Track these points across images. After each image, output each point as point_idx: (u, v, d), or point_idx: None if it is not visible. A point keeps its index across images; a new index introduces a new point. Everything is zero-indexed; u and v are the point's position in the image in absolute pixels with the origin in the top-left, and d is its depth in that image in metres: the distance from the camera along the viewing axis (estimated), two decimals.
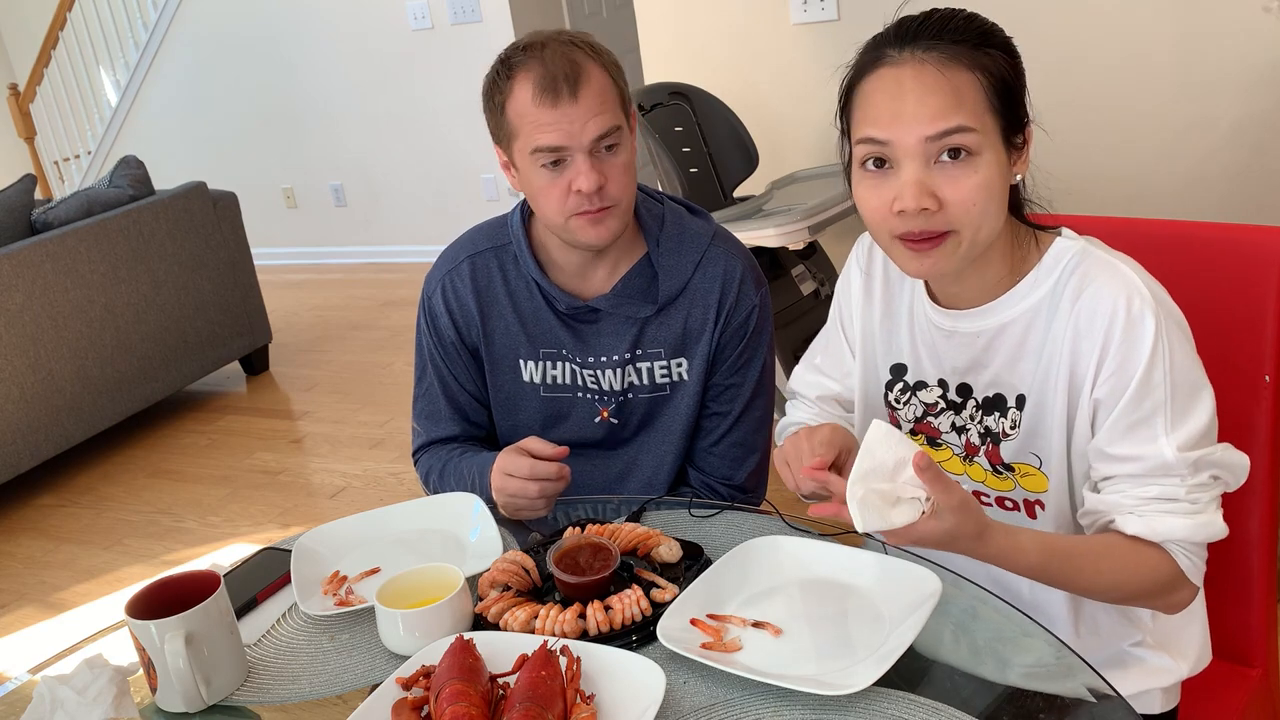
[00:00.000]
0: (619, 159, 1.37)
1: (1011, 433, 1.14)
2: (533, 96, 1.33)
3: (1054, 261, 1.10)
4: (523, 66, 1.35)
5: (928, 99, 1.02)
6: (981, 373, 1.16)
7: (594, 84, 1.34)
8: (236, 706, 1.08)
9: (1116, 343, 1.04)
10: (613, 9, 5.64)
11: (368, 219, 5.86)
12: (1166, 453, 1.03)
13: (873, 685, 0.95)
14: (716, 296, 1.47)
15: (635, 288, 1.47)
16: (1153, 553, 1.05)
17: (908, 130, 1.02)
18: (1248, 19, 2.48)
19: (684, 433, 1.52)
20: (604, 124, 1.34)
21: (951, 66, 1.02)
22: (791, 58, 2.99)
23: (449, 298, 1.53)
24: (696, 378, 1.48)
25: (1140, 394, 1.04)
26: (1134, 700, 1.11)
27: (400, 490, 3.28)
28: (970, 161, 1.03)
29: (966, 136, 1.02)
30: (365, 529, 1.37)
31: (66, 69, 6.24)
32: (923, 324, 1.20)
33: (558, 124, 1.33)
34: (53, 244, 3.57)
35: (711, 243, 1.49)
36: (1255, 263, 1.23)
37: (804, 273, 2.83)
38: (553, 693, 0.96)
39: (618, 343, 1.48)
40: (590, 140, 1.33)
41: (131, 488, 3.60)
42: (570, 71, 1.33)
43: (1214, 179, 2.63)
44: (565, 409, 1.53)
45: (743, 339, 1.49)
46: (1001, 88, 1.04)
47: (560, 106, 1.32)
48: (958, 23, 1.05)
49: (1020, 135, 1.07)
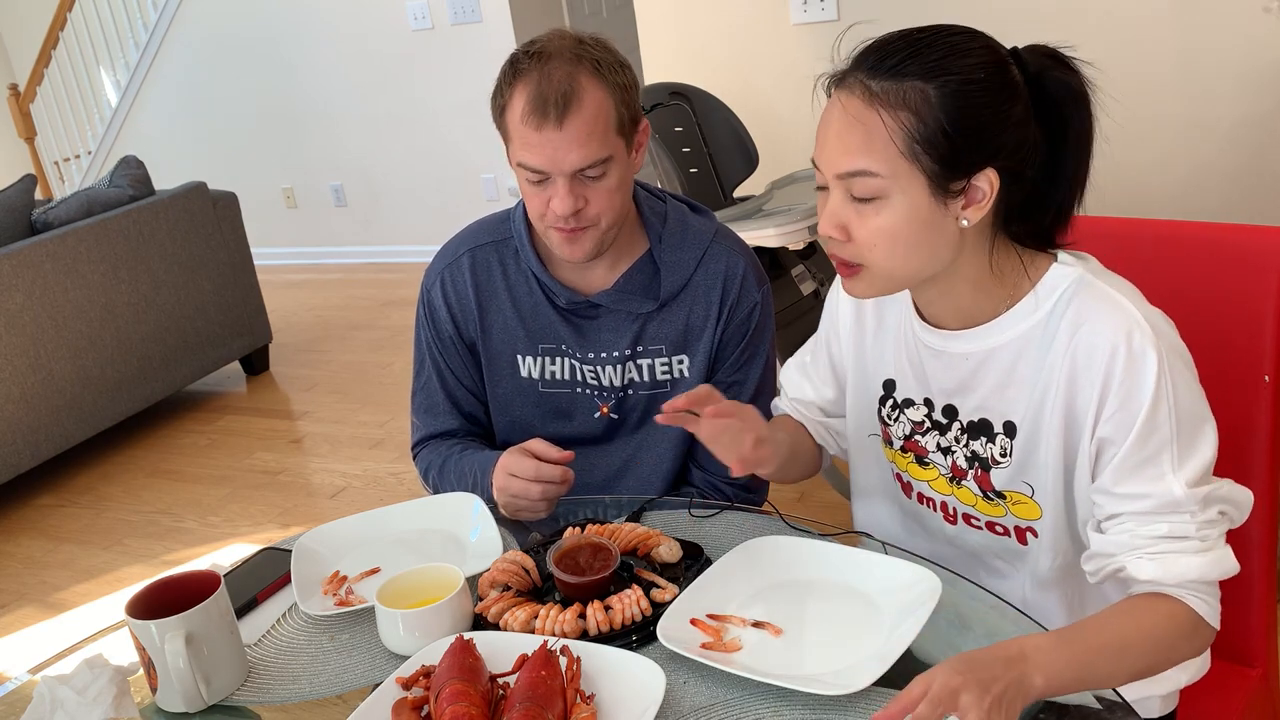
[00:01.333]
0: (604, 183, 1.35)
1: (1002, 460, 1.13)
2: (522, 114, 1.32)
3: (1049, 290, 1.08)
4: (524, 76, 1.33)
5: (843, 134, 1.03)
6: (968, 396, 1.14)
7: (585, 111, 1.31)
8: (236, 706, 1.08)
9: (1118, 380, 1.02)
10: (613, 9, 5.64)
11: (368, 219, 5.86)
12: (1175, 489, 1.01)
13: (872, 685, 0.96)
14: (719, 293, 1.47)
15: (637, 284, 1.47)
16: (1168, 606, 1.01)
17: (827, 162, 1.05)
18: (1248, 19, 2.49)
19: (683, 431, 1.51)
20: (587, 156, 1.32)
21: (870, 107, 1.00)
22: (791, 58, 2.99)
23: (448, 291, 1.53)
24: (698, 374, 1.48)
25: (1146, 431, 1.01)
26: (1132, 704, 1.11)
27: (400, 490, 3.28)
28: (874, 205, 1.03)
29: (869, 181, 1.02)
30: (365, 529, 1.37)
31: (66, 69, 6.24)
32: (911, 341, 1.19)
33: (541, 147, 1.32)
34: (53, 244, 3.57)
35: (714, 240, 1.49)
36: (1255, 263, 1.23)
37: (804, 273, 2.83)
38: (553, 693, 0.96)
39: (618, 339, 1.48)
40: (570, 169, 1.32)
41: (131, 488, 3.60)
42: (563, 95, 1.30)
43: (1214, 179, 2.63)
44: (564, 405, 1.53)
45: (745, 336, 1.49)
46: (928, 133, 0.99)
47: (544, 131, 1.31)
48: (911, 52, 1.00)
49: (962, 181, 1.01)
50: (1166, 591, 1.01)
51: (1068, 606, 1.18)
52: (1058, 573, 1.15)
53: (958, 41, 1.01)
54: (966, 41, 1.02)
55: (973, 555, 1.21)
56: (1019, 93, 1.01)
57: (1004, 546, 1.18)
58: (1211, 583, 1.03)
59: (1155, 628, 1.00)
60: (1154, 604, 1.01)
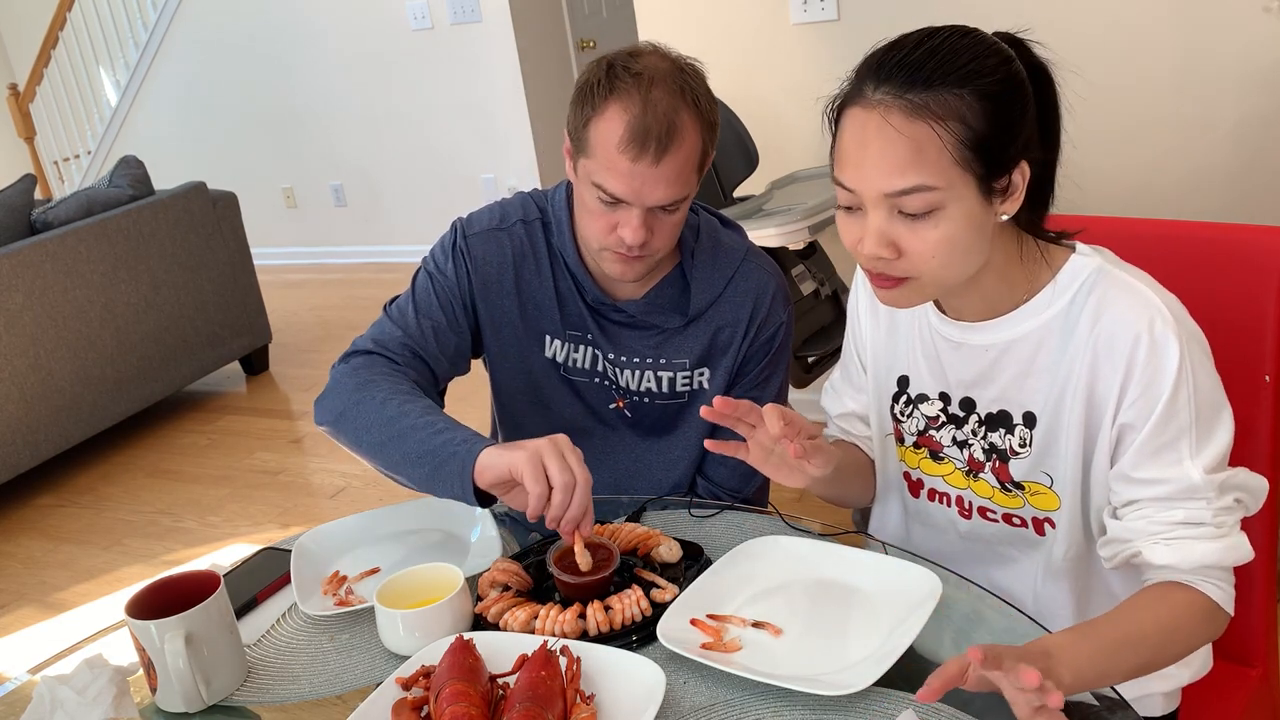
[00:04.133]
0: (673, 217, 1.34)
1: (1022, 451, 1.13)
2: (619, 140, 1.26)
3: (1069, 279, 1.08)
4: (623, 95, 1.27)
5: (888, 151, 0.98)
6: (987, 387, 1.15)
7: (683, 151, 1.28)
8: (236, 706, 1.08)
9: (1141, 366, 1.03)
10: (613, 9, 5.64)
11: (368, 219, 5.86)
12: (1193, 475, 1.02)
13: (873, 685, 0.95)
14: (748, 311, 1.45)
15: (666, 298, 1.45)
16: (1184, 595, 1.02)
17: (869, 183, 1.01)
18: (1248, 19, 2.48)
19: (699, 439, 1.50)
20: (673, 194, 1.30)
21: (916, 119, 0.98)
22: (791, 58, 2.99)
23: (489, 249, 1.47)
24: (717, 388, 1.47)
25: (1166, 417, 1.02)
26: (1134, 703, 1.11)
27: (400, 490, 3.27)
28: (931, 218, 1.00)
29: (925, 195, 0.99)
30: (365, 529, 1.37)
31: (66, 69, 6.24)
32: (927, 335, 1.19)
33: (629, 178, 1.28)
34: (53, 244, 3.57)
35: (745, 258, 1.47)
36: (1255, 263, 1.23)
37: (804, 273, 2.82)
38: (553, 693, 0.96)
39: (641, 347, 1.47)
40: (653, 204, 1.30)
41: (131, 488, 3.60)
42: (666, 131, 1.26)
43: (1214, 179, 2.63)
44: (582, 391, 1.51)
45: (767, 355, 1.48)
46: (976, 138, 0.98)
47: (640, 163, 1.27)
48: (940, 59, 0.99)
49: (1005, 178, 1.02)
50: (1181, 579, 1.03)
51: (1075, 597, 1.18)
52: (1069, 563, 1.16)
53: (971, 43, 1.01)
54: (978, 41, 1.02)
55: (985, 547, 1.22)
56: (1025, 82, 1.03)
57: (1020, 537, 1.18)
58: (1226, 569, 1.04)
59: (1173, 617, 1.01)
60: (1169, 594, 1.02)
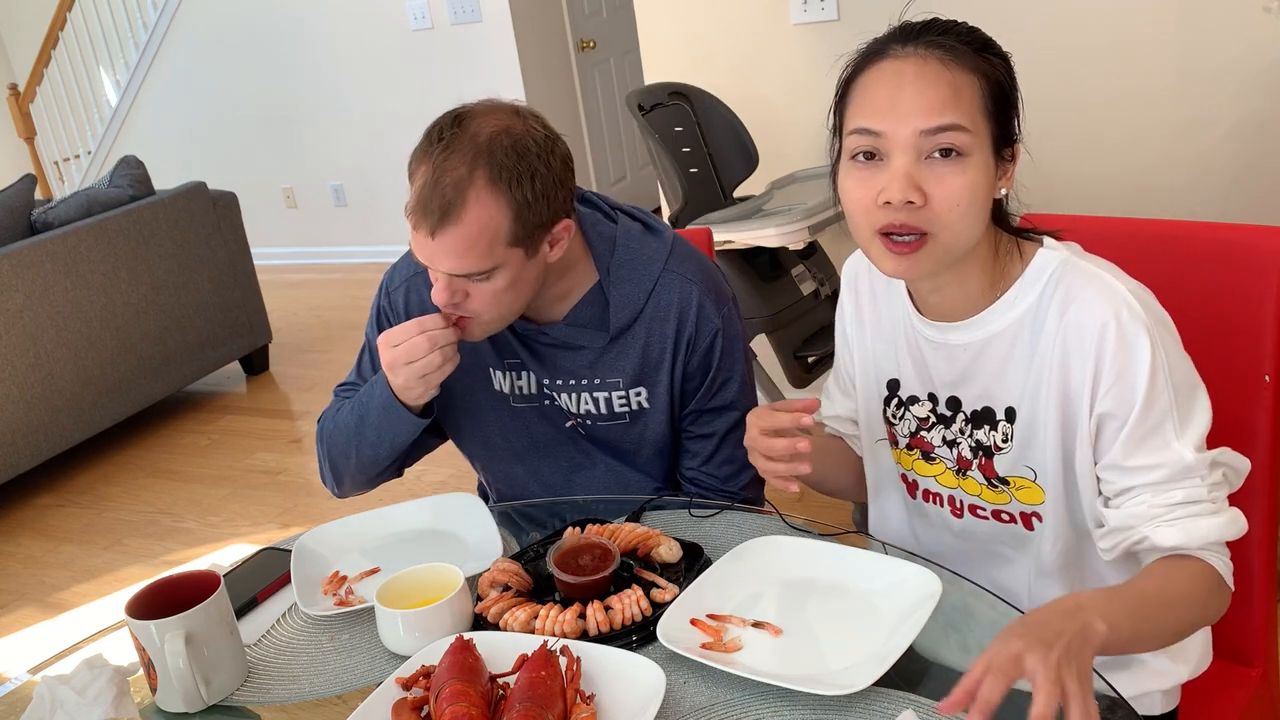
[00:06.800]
0: (489, 285, 1.28)
1: (1004, 446, 1.14)
2: (408, 204, 1.26)
3: (1037, 274, 1.10)
4: (424, 159, 1.26)
5: (926, 91, 1.02)
6: (970, 385, 1.16)
7: (466, 226, 1.23)
8: (236, 706, 1.09)
9: (1111, 355, 1.04)
10: (613, 9, 5.64)
11: (368, 219, 5.86)
12: (1186, 455, 1.03)
13: (872, 685, 0.96)
14: (674, 326, 1.40)
15: (587, 316, 1.41)
16: (1195, 565, 1.04)
17: (903, 121, 1.02)
18: (1248, 19, 2.48)
19: (654, 457, 1.48)
20: (462, 266, 1.25)
21: (953, 64, 1.03)
22: (791, 58, 2.99)
23: (410, 299, 1.49)
24: (661, 406, 1.43)
25: (1148, 404, 1.04)
26: (1133, 702, 1.11)
27: (400, 490, 3.27)
28: (960, 162, 1.02)
29: (960, 136, 1.01)
30: (365, 529, 1.37)
31: (66, 69, 6.24)
32: (912, 338, 1.20)
33: (416, 246, 1.27)
34: (53, 244, 3.57)
35: (665, 266, 1.41)
36: (1255, 263, 1.23)
37: (804, 273, 2.83)
38: (553, 693, 0.96)
39: (575, 368, 1.43)
40: (445, 271, 1.27)
41: (131, 488, 3.60)
42: (444, 205, 1.22)
43: (1214, 179, 2.63)
44: (535, 417, 1.49)
45: (712, 365, 1.42)
46: (999, 95, 1.04)
47: (419, 233, 1.25)
48: (961, 29, 1.06)
49: (1009, 149, 1.07)
50: (1192, 550, 1.04)
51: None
52: (1060, 558, 1.17)
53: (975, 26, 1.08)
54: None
55: (980, 545, 1.22)
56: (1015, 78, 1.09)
57: (1011, 534, 1.19)
58: (1224, 544, 1.06)
59: (1191, 584, 1.03)
60: (1182, 564, 1.04)
